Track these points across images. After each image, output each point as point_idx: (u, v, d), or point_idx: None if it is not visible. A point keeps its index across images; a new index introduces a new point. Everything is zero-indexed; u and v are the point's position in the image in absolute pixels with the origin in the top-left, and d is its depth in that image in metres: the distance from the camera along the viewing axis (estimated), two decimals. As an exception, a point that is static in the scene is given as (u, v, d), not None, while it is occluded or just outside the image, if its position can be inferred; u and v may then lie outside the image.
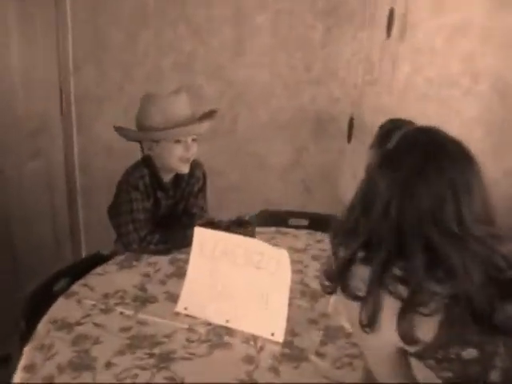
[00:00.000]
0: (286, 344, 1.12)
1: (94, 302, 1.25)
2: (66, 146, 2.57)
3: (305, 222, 2.03)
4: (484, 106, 2.11)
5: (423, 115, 2.19)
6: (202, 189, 1.78)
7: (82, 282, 1.35)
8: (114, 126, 1.63)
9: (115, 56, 2.37)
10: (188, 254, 1.54)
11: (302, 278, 1.42)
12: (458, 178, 0.78)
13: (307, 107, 2.35)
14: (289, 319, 1.14)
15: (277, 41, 2.27)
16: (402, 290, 0.76)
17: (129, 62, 2.38)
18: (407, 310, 0.76)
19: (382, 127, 0.88)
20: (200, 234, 1.25)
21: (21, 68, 2.13)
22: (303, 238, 1.77)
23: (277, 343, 1.12)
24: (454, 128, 2.25)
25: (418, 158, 0.79)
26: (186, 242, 1.56)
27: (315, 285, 1.40)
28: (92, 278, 1.38)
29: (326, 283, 0.89)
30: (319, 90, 2.29)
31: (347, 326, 1.21)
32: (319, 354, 1.10)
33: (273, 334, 1.13)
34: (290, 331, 1.16)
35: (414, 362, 0.81)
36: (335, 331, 1.19)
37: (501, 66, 2.06)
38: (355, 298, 0.82)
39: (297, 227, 1.95)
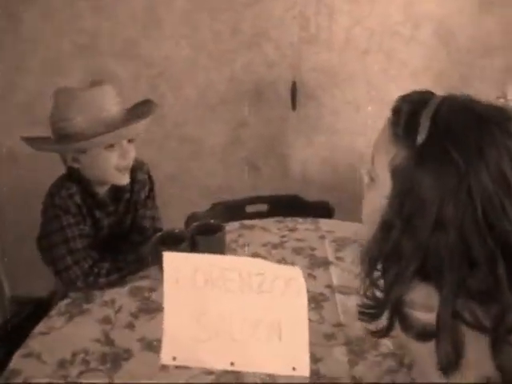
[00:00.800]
0: (313, 376, 0.90)
1: (48, 380, 0.93)
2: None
3: (263, 208, 1.82)
4: (429, 55, 1.98)
5: (368, 70, 2.06)
6: (150, 195, 1.48)
7: (22, 351, 1.02)
8: (22, 137, 1.25)
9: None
10: (149, 278, 1.27)
11: (297, 282, 1.20)
12: None
13: (240, 77, 2.07)
14: (304, 343, 0.92)
15: (195, 3, 1.94)
16: (482, 317, 0.58)
17: (16, 50, 1.95)
18: (500, 339, 0.58)
19: (396, 112, 0.66)
20: (171, 260, 0.96)
21: None
22: (273, 228, 1.55)
23: (302, 378, 0.90)
24: (403, 80, 2.11)
25: (466, 141, 0.59)
26: (141, 265, 1.29)
27: (312, 287, 1.19)
28: (35, 343, 1.05)
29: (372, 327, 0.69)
30: (251, 55, 2.02)
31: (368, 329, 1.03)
32: (355, 379, 0.90)
33: (294, 369, 0.90)
34: (310, 356, 0.93)
35: None
36: (359, 343, 0.99)
37: (441, 12, 1.93)
38: (425, 338, 0.62)
39: (256, 215, 1.74)
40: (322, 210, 1.73)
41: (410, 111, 0.64)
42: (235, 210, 1.79)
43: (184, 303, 0.96)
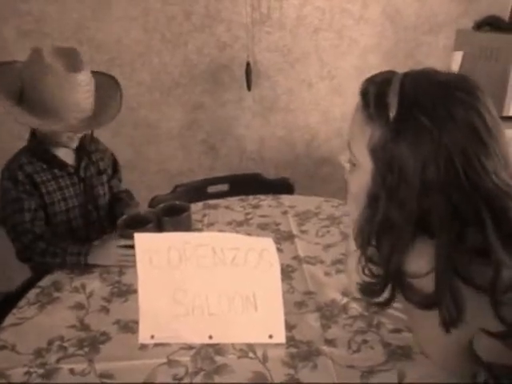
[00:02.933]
0: (289, 342, 0.95)
1: (25, 369, 0.92)
2: None
3: (224, 188, 1.84)
4: (377, 32, 2.04)
5: (320, 48, 2.10)
6: (117, 168, 1.55)
7: (-5, 343, 1.01)
8: None
9: None
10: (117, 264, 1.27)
11: (266, 256, 1.24)
12: (482, 112, 0.64)
13: (194, 59, 2.07)
14: (278, 311, 0.96)
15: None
16: (480, 276, 0.62)
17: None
18: (498, 297, 0.61)
19: (364, 95, 0.69)
20: (142, 241, 0.98)
21: None
22: (237, 206, 1.58)
23: (279, 345, 0.94)
24: (353, 58, 2.18)
25: (433, 107, 0.63)
26: (79, 261, 1.24)
27: (280, 259, 1.21)
28: (8, 335, 1.03)
29: (372, 299, 0.73)
30: (204, 37, 2.02)
31: (339, 297, 1.08)
32: (328, 342, 0.95)
33: (271, 337, 0.94)
34: (285, 324, 0.98)
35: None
36: (329, 308, 1.04)
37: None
38: (427, 306, 0.66)
39: (218, 195, 1.76)
40: (282, 187, 1.78)
41: (377, 91, 0.67)
42: (197, 192, 1.80)
43: (158, 282, 0.98)
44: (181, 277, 0.97)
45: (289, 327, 0.98)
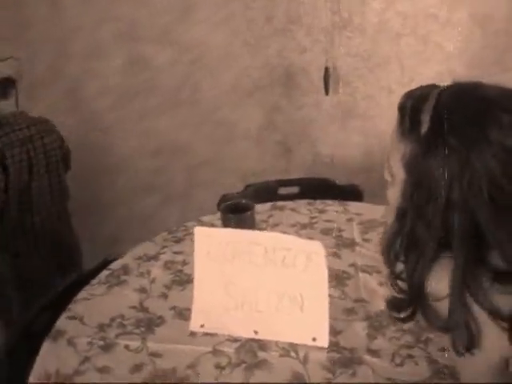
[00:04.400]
0: (332, 347, 0.95)
1: (89, 339, 1.02)
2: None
3: (295, 190, 1.86)
4: (464, 38, 1.95)
5: (401, 53, 2.05)
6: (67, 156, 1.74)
7: (66, 314, 1.12)
8: None
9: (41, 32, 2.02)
10: (183, 253, 1.34)
11: (322, 260, 1.24)
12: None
13: (274, 62, 2.11)
14: (325, 316, 0.97)
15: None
16: (501, 304, 0.59)
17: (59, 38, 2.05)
18: None
19: (401, 109, 0.69)
20: (202, 234, 1.04)
21: None
22: (303, 209, 1.59)
23: (322, 349, 0.95)
24: (435, 64, 2.09)
25: (465, 127, 0.61)
26: None
27: (336, 265, 1.23)
28: (78, 307, 1.14)
29: (399, 315, 0.73)
30: (284, 41, 2.05)
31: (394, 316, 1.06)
32: (372, 352, 0.94)
33: (315, 339, 0.95)
34: (330, 329, 0.98)
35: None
36: (379, 318, 1.03)
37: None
38: (442, 329, 0.65)
39: (288, 197, 1.78)
40: (351, 193, 1.76)
41: (412, 107, 0.66)
42: (267, 192, 1.84)
43: (213, 274, 1.03)
44: (234, 272, 1.01)
45: (334, 332, 0.99)
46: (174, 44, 2.07)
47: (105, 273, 1.28)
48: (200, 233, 1.03)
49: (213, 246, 1.02)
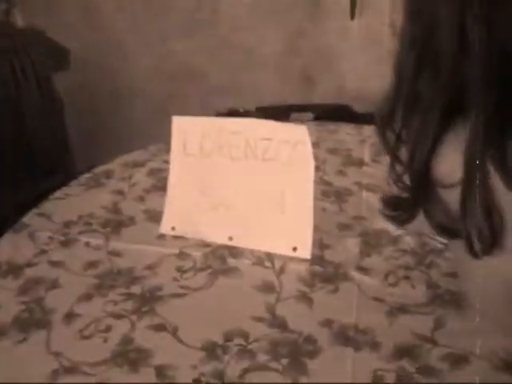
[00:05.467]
0: (315, 260, 0.81)
1: (50, 234, 0.93)
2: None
3: (309, 117, 1.70)
4: None
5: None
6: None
7: (35, 211, 1.02)
8: None
9: None
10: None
11: (321, 176, 1.09)
12: None
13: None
14: (313, 228, 0.83)
15: None
16: None
17: None
18: None
19: None
20: (180, 124, 0.90)
21: None
22: (312, 130, 1.40)
23: (302, 261, 0.81)
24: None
25: None
26: None
27: (339, 182, 1.08)
28: (49, 205, 1.04)
29: (394, 213, 0.55)
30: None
31: (392, 227, 0.91)
32: (362, 269, 0.80)
33: (295, 249, 0.82)
34: (318, 242, 0.85)
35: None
36: (377, 237, 0.88)
37: None
38: (450, 230, 0.48)
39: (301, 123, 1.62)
40: (370, 122, 1.58)
41: None
42: (278, 117, 1.68)
43: (189, 171, 0.90)
44: (212, 168, 0.88)
45: (321, 246, 0.85)
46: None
47: (86, 175, 1.18)
48: (177, 122, 0.90)
49: (190, 137, 0.89)
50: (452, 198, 0.46)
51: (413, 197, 0.53)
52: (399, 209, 0.56)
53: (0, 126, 1.64)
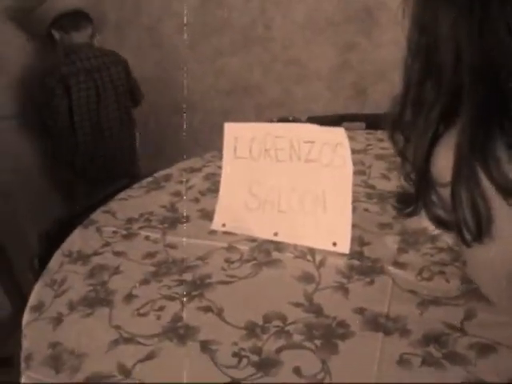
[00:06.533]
0: (354, 255, 0.86)
1: (114, 229, 1.04)
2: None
3: (362, 127, 1.73)
4: None
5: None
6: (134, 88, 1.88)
7: (102, 209, 1.14)
8: None
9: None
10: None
11: (366, 180, 1.14)
12: None
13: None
14: (354, 226, 0.87)
15: None
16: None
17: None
18: None
19: None
20: (231, 129, 0.99)
21: None
22: (361, 138, 1.47)
23: (341, 255, 0.86)
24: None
25: None
26: None
27: (382, 185, 1.12)
28: (114, 204, 1.16)
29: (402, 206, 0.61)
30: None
31: (431, 227, 0.94)
32: (398, 264, 0.83)
33: (335, 244, 0.87)
34: (358, 240, 0.90)
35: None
36: (416, 235, 0.91)
37: None
38: (443, 222, 0.53)
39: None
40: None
41: None
42: (330, 126, 1.74)
43: (239, 173, 0.98)
44: (259, 169, 0.95)
45: (361, 243, 0.89)
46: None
47: (148, 179, 1.29)
48: (229, 128, 0.99)
49: (240, 141, 0.97)
50: (447, 193, 0.51)
51: (415, 192, 0.58)
52: (406, 203, 0.62)
53: (83, 135, 1.83)
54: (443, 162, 0.51)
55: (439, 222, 0.55)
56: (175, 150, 2.32)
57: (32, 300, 0.84)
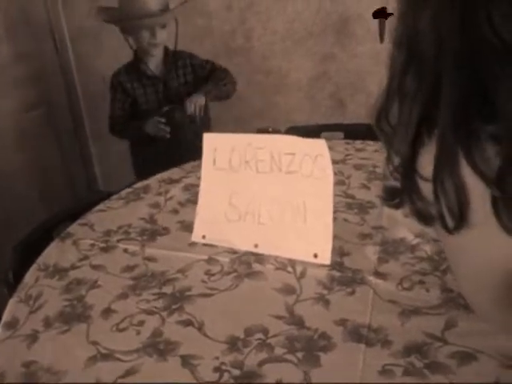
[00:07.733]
0: (334, 266, 0.86)
1: (92, 242, 1.02)
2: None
3: (340, 136, 1.74)
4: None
5: None
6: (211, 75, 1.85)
7: (79, 221, 1.12)
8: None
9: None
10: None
11: (345, 190, 1.15)
12: None
13: (328, 9, 1.99)
14: (335, 237, 0.87)
15: None
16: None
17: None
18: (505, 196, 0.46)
19: None
20: (210, 140, 0.98)
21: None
22: (340, 148, 1.48)
23: (322, 266, 0.86)
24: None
25: None
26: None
27: (362, 195, 1.13)
28: (92, 216, 1.14)
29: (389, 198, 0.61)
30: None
31: (410, 236, 0.95)
32: (379, 274, 0.84)
33: (316, 256, 0.87)
34: (338, 250, 0.90)
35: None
36: (396, 245, 0.92)
37: None
38: (427, 216, 0.53)
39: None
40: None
41: None
42: (309, 136, 1.74)
43: (219, 184, 0.97)
44: (239, 180, 0.95)
45: (341, 254, 0.89)
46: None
47: (126, 190, 1.28)
48: (208, 139, 0.98)
49: (220, 152, 0.96)
50: (430, 187, 0.51)
51: (401, 184, 0.58)
52: (393, 195, 0.62)
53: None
54: (428, 157, 0.52)
55: (420, 216, 0.55)
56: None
57: (6, 316, 0.81)
